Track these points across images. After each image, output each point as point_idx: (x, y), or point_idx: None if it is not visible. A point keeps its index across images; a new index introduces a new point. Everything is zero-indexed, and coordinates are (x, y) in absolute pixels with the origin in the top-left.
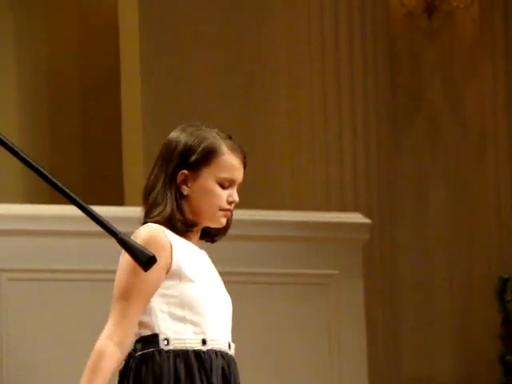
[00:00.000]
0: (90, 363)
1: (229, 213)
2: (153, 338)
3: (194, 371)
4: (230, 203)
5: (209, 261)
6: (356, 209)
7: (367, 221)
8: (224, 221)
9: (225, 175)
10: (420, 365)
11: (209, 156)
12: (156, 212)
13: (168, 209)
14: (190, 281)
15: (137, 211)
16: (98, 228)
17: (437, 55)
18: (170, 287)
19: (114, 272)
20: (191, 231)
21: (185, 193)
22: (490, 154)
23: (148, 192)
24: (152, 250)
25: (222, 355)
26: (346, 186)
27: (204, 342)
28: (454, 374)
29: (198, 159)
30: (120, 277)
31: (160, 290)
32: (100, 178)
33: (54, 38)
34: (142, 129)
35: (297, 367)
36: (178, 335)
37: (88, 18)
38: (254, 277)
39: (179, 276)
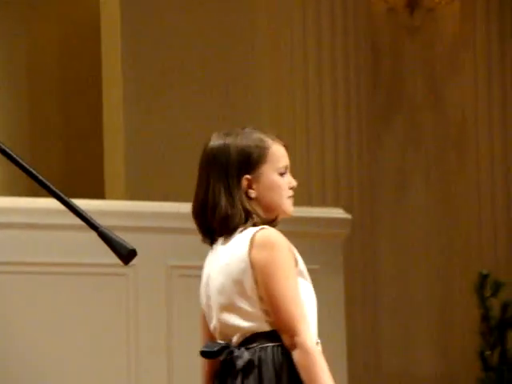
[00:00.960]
0: (321, 367)
1: (293, 199)
2: (274, 335)
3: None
4: (291, 189)
5: None
6: (337, 204)
7: (348, 216)
8: (292, 208)
9: (281, 164)
10: (399, 360)
11: (263, 153)
12: (253, 217)
13: (252, 212)
14: (308, 280)
15: (117, 205)
16: (78, 221)
17: (418, 51)
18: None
19: (91, 265)
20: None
21: (252, 196)
22: (470, 150)
23: (212, 208)
24: (289, 248)
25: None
26: (327, 182)
27: (318, 344)
28: (434, 369)
29: (255, 160)
30: (280, 280)
31: None
32: (81, 172)
33: (34, 32)
34: (124, 123)
35: None
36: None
37: (69, 14)
38: None
39: (302, 275)
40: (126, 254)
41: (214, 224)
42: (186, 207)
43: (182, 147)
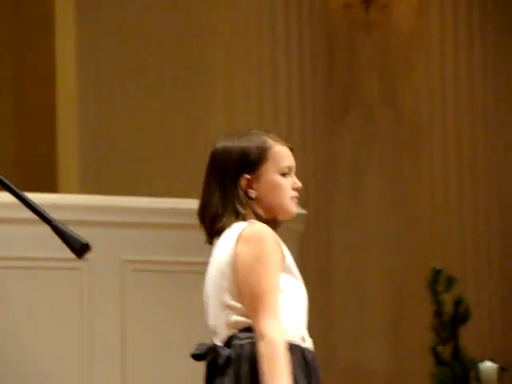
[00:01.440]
0: (280, 358)
1: (297, 200)
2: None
3: (301, 365)
4: (295, 190)
5: None
6: None
7: (303, 211)
8: (296, 209)
9: (283, 164)
10: (353, 354)
11: (263, 153)
12: (246, 213)
13: (249, 212)
14: (295, 277)
15: (70, 199)
16: (32, 215)
17: (374, 47)
18: (283, 281)
19: (45, 259)
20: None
21: (253, 195)
22: (424, 145)
23: (204, 207)
24: (269, 245)
25: (310, 354)
26: None
27: (303, 339)
28: (386, 363)
29: (255, 160)
30: (258, 273)
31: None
32: (34, 166)
33: None
34: (78, 116)
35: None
36: (292, 329)
37: (23, 4)
38: (181, 266)
39: (289, 271)
40: (80, 248)
41: (205, 223)
42: (140, 201)
43: (136, 141)
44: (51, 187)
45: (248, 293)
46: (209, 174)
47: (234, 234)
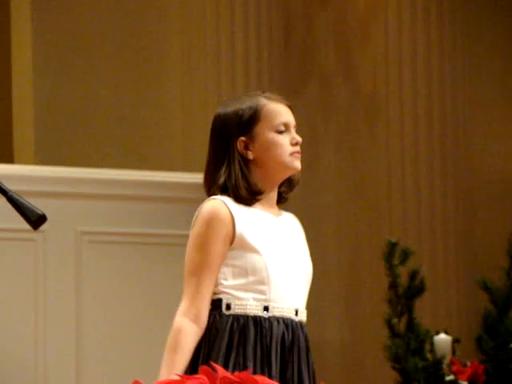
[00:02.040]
0: (169, 343)
1: (299, 155)
2: (217, 303)
3: (249, 336)
4: (294, 145)
5: (289, 226)
6: None
7: None
8: (299, 164)
9: (277, 121)
10: (309, 325)
11: (255, 113)
12: (216, 186)
13: (232, 180)
14: (254, 250)
15: (26, 170)
16: None
17: (331, 19)
18: (234, 257)
19: (1, 230)
20: (259, 199)
21: (250, 157)
22: (380, 118)
23: (208, 171)
24: (214, 223)
25: (284, 322)
26: None
27: (266, 308)
28: (341, 335)
29: (248, 121)
30: (188, 254)
31: (225, 261)
32: None
33: None
34: (33, 87)
35: (157, 327)
36: (240, 301)
37: None
38: (137, 237)
39: (243, 246)
40: (36, 220)
41: (206, 184)
42: (96, 173)
43: (92, 111)
44: (7, 158)
45: (185, 271)
46: (209, 143)
47: (195, 214)
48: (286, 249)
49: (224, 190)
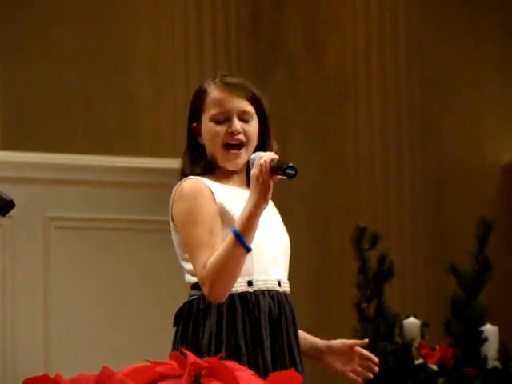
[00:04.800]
0: (214, 267)
1: (237, 152)
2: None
3: (237, 312)
4: (231, 134)
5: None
6: None
7: None
8: (237, 162)
9: (214, 110)
10: None
11: (200, 100)
12: (182, 167)
13: (190, 162)
14: (234, 223)
15: None
16: None
17: (298, 6)
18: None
19: None
20: (228, 176)
21: (201, 142)
22: (349, 106)
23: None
24: (198, 195)
25: (270, 294)
26: None
27: (250, 283)
28: (310, 319)
29: (195, 108)
30: (185, 234)
31: None
32: None
33: None
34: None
35: (142, 315)
36: None
37: None
38: (105, 223)
39: (223, 220)
40: (4, 205)
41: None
42: (64, 158)
43: (59, 96)
44: None
45: (187, 251)
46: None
47: (171, 195)
48: (262, 221)
49: (192, 172)
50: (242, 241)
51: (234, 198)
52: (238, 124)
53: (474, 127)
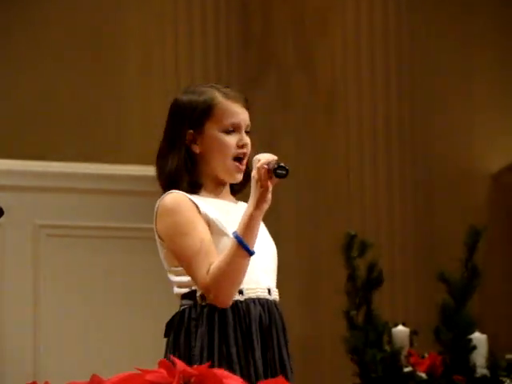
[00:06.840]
0: (220, 270)
1: (242, 166)
2: (192, 294)
3: (228, 321)
4: (240, 147)
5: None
6: None
7: None
8: (239, 176)
9: (226, 121)
10: None
11: (207, 109)
12: (164, 175)
13: (176, 170)
14: (223, 234)
15: None
16: None
17: (289, 10)
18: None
19: None
20: (197, 192)
21: (197, 151)
22: (339, 110)
23: (159, 153)
24: (182, 207)
25: (260, 302)
26: None
27: (241, 291)
28: (301, 327)
29: (199, 116)
30: (178, 247)
31: None
32: None
33: None
34: None
35: (132, 322)
36: None
37: None
38: (95, 231)
39: (210, 231)
40: None
41: (157, 171)
42: (54, 166)
43: (48, 104)
44: None
45: (181, 263)
46: (165, 124)
47: (155, 210)
48: None
49: (172, 183)
50: (244, 245)
51: (217, 210)
52: (247, 137)
53: (464, 136)
